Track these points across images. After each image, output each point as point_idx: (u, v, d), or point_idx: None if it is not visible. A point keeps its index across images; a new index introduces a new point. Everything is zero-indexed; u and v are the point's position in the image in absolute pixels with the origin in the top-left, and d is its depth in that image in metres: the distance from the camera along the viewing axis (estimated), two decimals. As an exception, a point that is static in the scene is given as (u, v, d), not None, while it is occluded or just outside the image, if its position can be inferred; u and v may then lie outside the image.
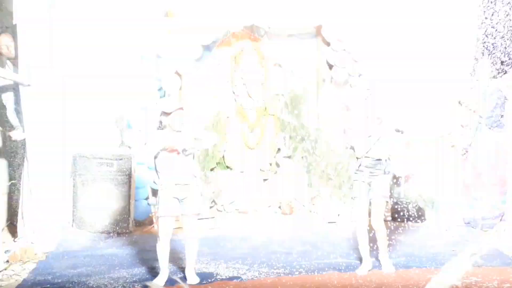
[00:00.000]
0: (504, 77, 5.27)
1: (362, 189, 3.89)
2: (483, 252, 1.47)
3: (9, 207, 4.99)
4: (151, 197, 5.32)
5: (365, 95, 3.88)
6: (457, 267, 1.51)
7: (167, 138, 3.64)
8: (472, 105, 5.28)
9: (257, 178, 6.21)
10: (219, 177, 6.05)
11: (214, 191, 5.99)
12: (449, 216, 5.40)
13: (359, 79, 3.80)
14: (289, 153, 6.28)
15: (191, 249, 3.76)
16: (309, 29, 6.60)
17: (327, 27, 5.92)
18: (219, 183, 6.03)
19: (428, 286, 3.34)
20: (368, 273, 3.88)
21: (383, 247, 3.94)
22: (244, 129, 6.40)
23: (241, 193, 6.08)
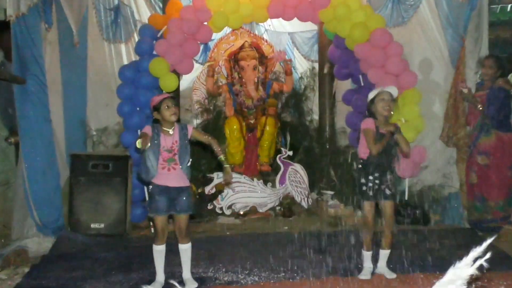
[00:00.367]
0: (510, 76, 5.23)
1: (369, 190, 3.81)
2: (489, 256, 1.42)
3: (2, 209, 4.90)
4: (148, 199, 5.23)
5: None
6: (462, 271, 1.45)
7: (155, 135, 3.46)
8: (477, 104, 5.21)
9: (257, 179, 6.13)
10: (218, 178, 5.96)
11: (212, 192, 5.91)
12: (454, 218, 5.35)
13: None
14: (290, 153, 6.21)
15: (185, 252, 3.65)
16: (311, 26, 6.57)
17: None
18: (218, 184, 5.95)
19: (432, 291, 3.29)
20: (371, 279, 3.81)
21: (387, 253, 3.89)
22: (243, 128, 6.33)
23: (240, 195, 5.99)
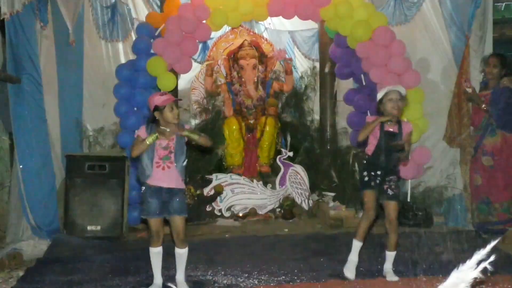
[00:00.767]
0: None
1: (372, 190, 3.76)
2: (493, 258, 1.38)
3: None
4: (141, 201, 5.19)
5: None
6: (466, 274, 1.41)
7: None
8: (481, 104, 5.15)
9: (256, 180, 6.06)
10: (217, 180, 5.90)
11: (211, 194, 5.85)
12: (458, 220, 5.31)
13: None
14: (290, 154, 6.14)
15: (181, 256, 3.56)
16: (312, 25, 6.52)
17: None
18: (217, 185, 5.88)
19: (435, 294, 3.25)
20: (372, 282, 3.74)
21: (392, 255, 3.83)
22: (243, 129, 6.27)
23: (239, 196, 5.92)
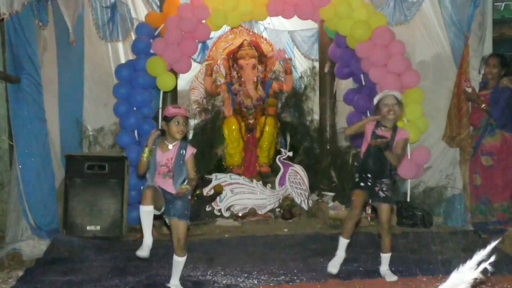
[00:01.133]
0: None
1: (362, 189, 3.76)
2: (493, 259, 1.37)
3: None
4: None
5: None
6: (466, 275, 1.41)
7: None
8: (481, 104, 5.14)
9: (256, 180, 6.06)
10: (216, 180, 5.89)
11: (211, 194, 5.84)
12: (457, 220, 5.29)
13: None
14: (290, 154, 6.13)
15: (178, 264, 3.52)
16: (311, 24, 6.51)
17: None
18: (217, 185, 5.87)
19: (435, 294, 3.25)
20: (372, 281, 3.74)
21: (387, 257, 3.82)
22: (242, 129, 6.26)
23: (239, 196, 5.92)
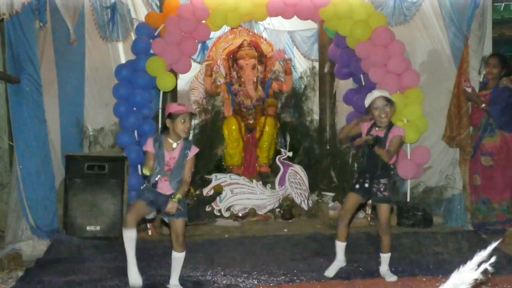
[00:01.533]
0: None
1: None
2: (494, 259, 1.38)
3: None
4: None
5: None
6: (466, 275, 1.41)
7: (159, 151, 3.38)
8: (480, 104, 5.14)
9: (256, 180, 6.05)
10: (216, 180, 5.89)
11: (211, 194, 5.84)
12: (457, 221, 5.27)
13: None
14: (289, 154, 6.13)
15: (177, 260, 3.53)
16: (311, 25, 6.50)
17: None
18: (217, 186, 5.87)
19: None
20: (372, 281, 3.74)
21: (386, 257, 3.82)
22: (242, 129, 6.26)
23: (239, 197, 5.91)
